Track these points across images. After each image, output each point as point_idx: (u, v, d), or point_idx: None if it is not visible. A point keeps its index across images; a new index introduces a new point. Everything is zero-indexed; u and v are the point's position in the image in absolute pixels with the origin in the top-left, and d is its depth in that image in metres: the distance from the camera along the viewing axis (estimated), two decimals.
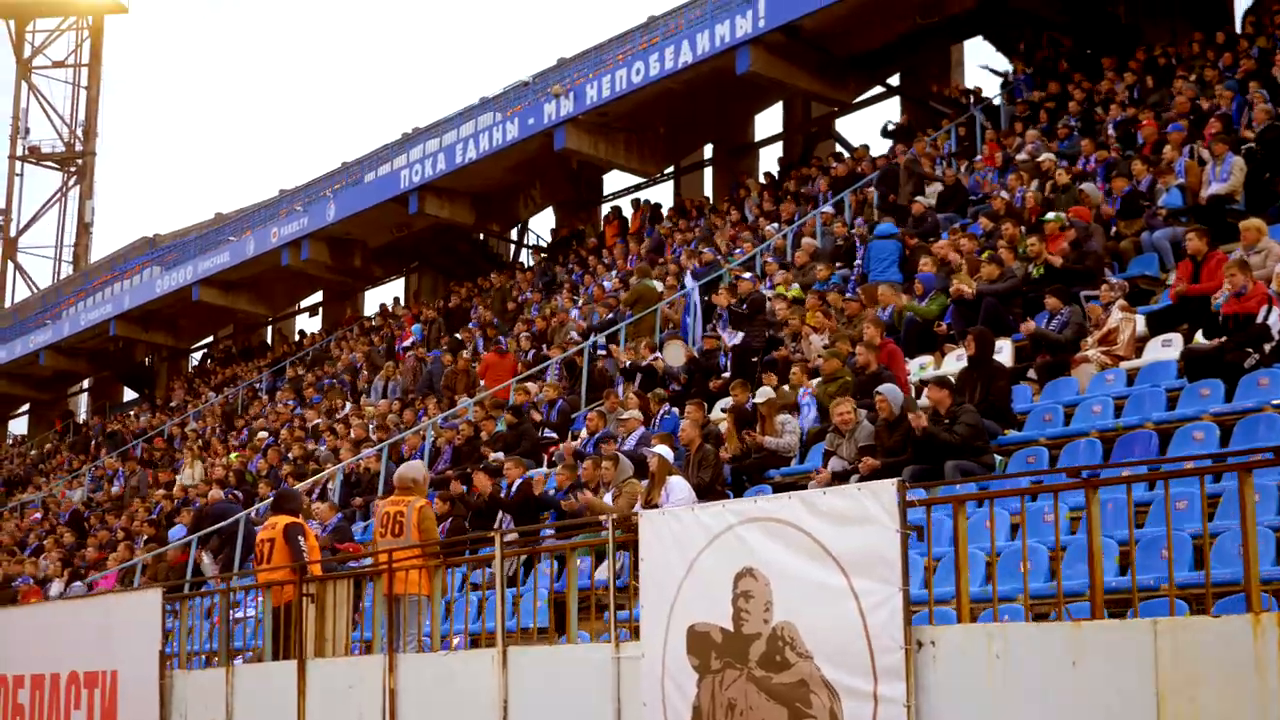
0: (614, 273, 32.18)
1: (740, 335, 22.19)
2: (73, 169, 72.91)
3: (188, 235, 52.47)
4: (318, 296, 49.98)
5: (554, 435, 22.82)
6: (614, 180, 43.12)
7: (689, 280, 25.81)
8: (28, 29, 71.29)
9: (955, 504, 8.95)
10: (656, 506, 15.23)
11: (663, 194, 49.15)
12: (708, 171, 41.13)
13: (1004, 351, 17.59)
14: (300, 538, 14.24)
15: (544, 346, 27.73)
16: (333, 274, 43.81)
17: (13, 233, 70.82)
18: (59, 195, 73.35)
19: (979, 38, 33.53)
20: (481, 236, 44.34)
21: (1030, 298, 18.51)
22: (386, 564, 12.65)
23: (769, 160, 38.73)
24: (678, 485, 15.64)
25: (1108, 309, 16.30)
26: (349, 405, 31.22)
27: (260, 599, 17.60)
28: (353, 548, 17.98)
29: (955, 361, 18.00)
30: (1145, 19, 29.68)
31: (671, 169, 40.45)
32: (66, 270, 70.20)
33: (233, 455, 30.51)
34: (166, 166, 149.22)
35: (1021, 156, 24.56)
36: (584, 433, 21.87)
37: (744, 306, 21.36)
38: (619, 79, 34.02)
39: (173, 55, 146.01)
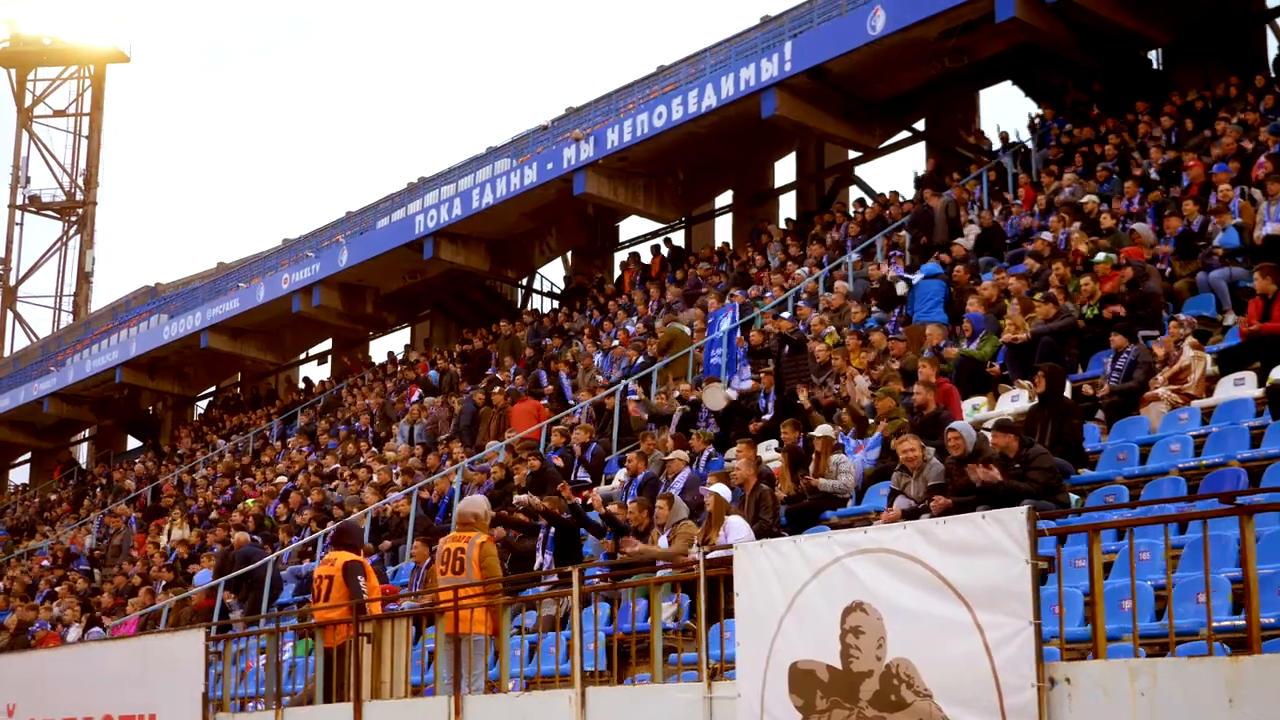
0: (634, 317, 31.79)
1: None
2: (73, 218, 72.48)
3: (190, 285, 52.09)
4: (326, 344, 49.45)
5: (588, 479, 22.35)
6: (628, 227, 42.91)
7: (724, 322, 25.39)
8: (29, 78, 70.89)
9: (1090, 532, 8.44)
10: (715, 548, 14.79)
11: (676, 241, 48.67)
12: (722, 219, 40.81)
13: (1020, 401, 17.20)
14: (360, 577, 13.70)
15: (572, 391, 27.39)
16: (343, 320, 43.36)
17: (12, 281, 70.29)
18: (59, 244, 72.89)
19: (1007, 83, 33.17)
20: (488, 283, 43.88)
21: (1086, 338, 18.16)
22: (447, 602, 12.12)
23: (787, 207, 38.45)
24: (737, 525, 15.14)
25: (1178, 346, 15.85)
26: (371, 449, 30.69)
27: (294, 642, 17.17)
28: (388, 589, 17.51)
29: (1010, 403, 17.61)
30: (1179, 64, 29.36)
31: (683, 218, 40.07)
32: (66, 320, 69.74)
33: (249, 501, 29.95)
34: (167, 216, 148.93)
35: (1061, 198, 24.21)
36: (619, 475, 21.45)
37: (785, 348, 20.87)
38: (640, 123, 33.72)
39: (174, 105, 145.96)
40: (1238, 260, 18.78)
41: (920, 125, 35.35)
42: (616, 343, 29.45)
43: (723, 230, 40.34)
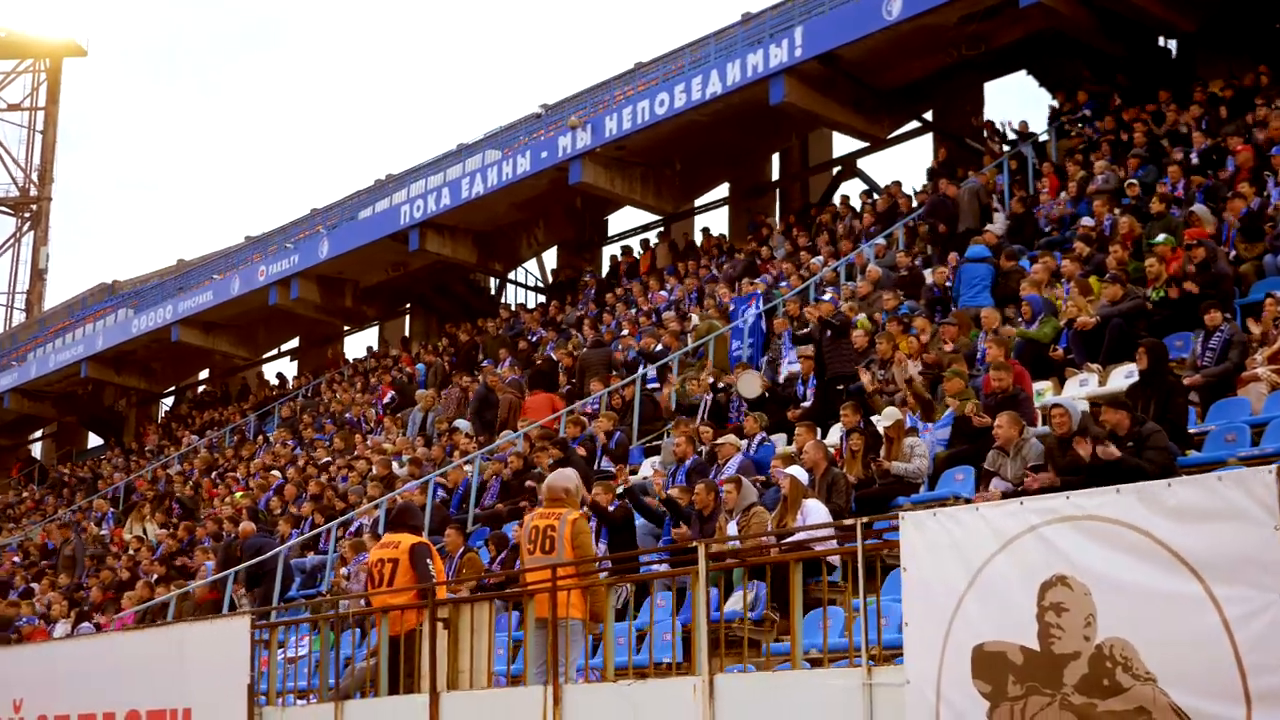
0: (635, 310, 30.85)
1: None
2: (27, 214, 71.06)
3: (150, 282, 50.79)
4: (297, 340, 48.20)
5: (612, 469, 21.39)
6: (617, 221, 42.03)
7: (750, 311, 24.54)
8: None
9: None
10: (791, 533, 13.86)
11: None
12: (713, 213, 39.91)
13: (1134, 376, 16.31)
14: (428, 559, 12.67)
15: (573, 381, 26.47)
16: (321, 314, 42.17)
17: None
18: (13, 240, 71.49)
19: (1017, 73, 32.40)
20: (472, 276, 42.82)
21: (1155, 320, 17.36)
22: (540, 584, 11.11)
23: (794, 198, 37.57)
24: (815, 509, 14.23)
25: (1276, 325, 15.02)
26: (368, 441, 29.61)
27: (310, 635, 16.10)
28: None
29: (1078, 386, 16.79)
30: (1201, 53, 28.65)
31: (674, 211, 39.08)
32: (19, 318, 68.21)
33: (238, 495, 28.82)
34: (123, 213, 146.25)
35: (1095, 185, 23.51)
36: (649, 464, 20.60)
37: (828, 332, 19.93)
38: (640, 111, 32.74)
39: (132, 100, 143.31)
40: None
41: (928, 115, 34.45)
42: (625, 333, 28.62)
43: (711, 223, 39.36)
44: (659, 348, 25.05)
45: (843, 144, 37.01)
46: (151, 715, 14.15)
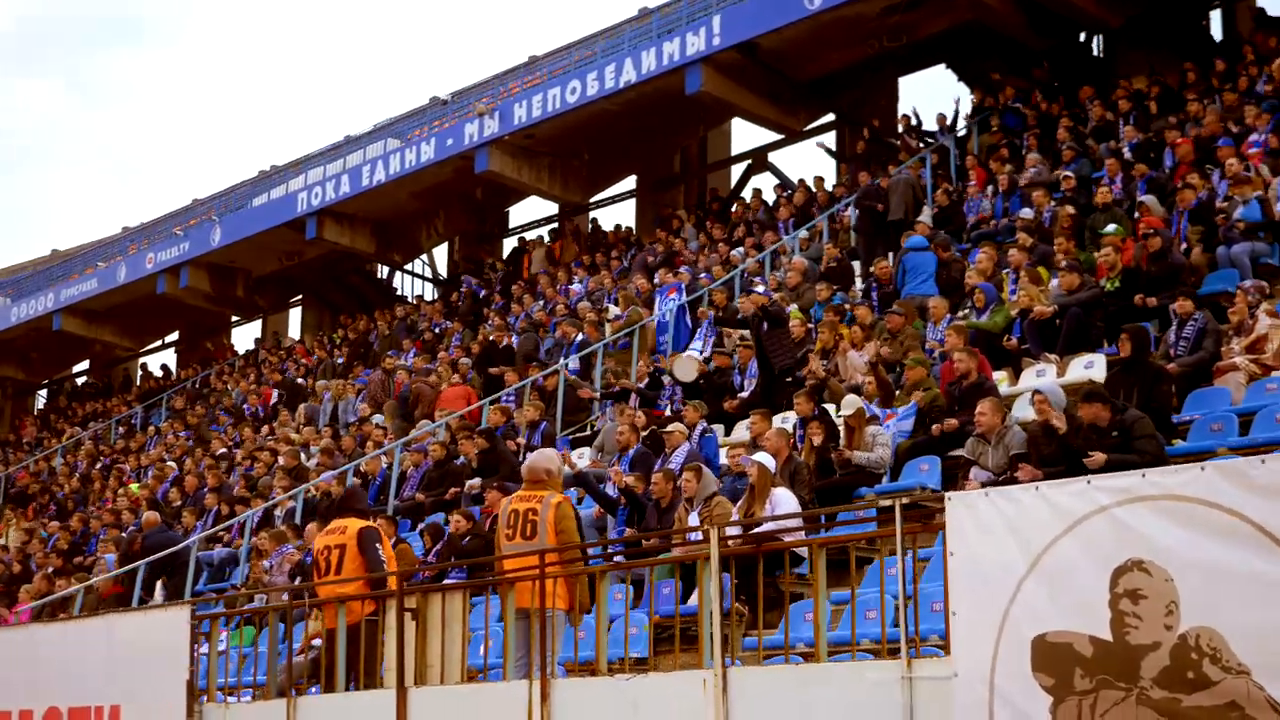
0: (542, 301, 30.05)
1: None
2: None
3: (22, 272, 49.06)
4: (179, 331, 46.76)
5: None
6: (518, 213, 41.29)
7: (671, 303, 23.96)
8: None
9: None
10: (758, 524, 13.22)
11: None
12: (619, 206, 39.20)
13: (1095, 367, 15.93)
14: (377, 544, 11.85)
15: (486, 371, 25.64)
16: (211, 304, 40.84)
17: None
18: None
19: (931, 69, 32.09)
20: (367, 267, 41.79)
21: (1111, 311, 16.99)
22: (521, 572, 10.35)
23: (691, 193, 37.03)
24: (784, 497, 13.59)
25: (1253, 315, 14.64)
26: (272, 432, 28.58)
27: (228, 630, 15.24)
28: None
29: (1035, 378, 16.28)
30: (1122, 49, 28.51)
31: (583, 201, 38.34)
32: None
33: (134, 486, 27.68)
34: None
35: (1027, 178, 23.24)
36: (582, 453, 19.95)
37: (764, 324, 19.34)
38: (551, 98, 31.99)
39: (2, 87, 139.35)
40: (1259, 235, 17.83)
41: (832, 114, 34.05)
42: (526, 325, 27.94)
43: (618, 216, 38.59)
44: (581, 337, 24.33)
45: (744, 139, 36.76)
46: (75, 713, 13.17)
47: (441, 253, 42.78)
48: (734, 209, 32.23)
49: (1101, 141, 24.10)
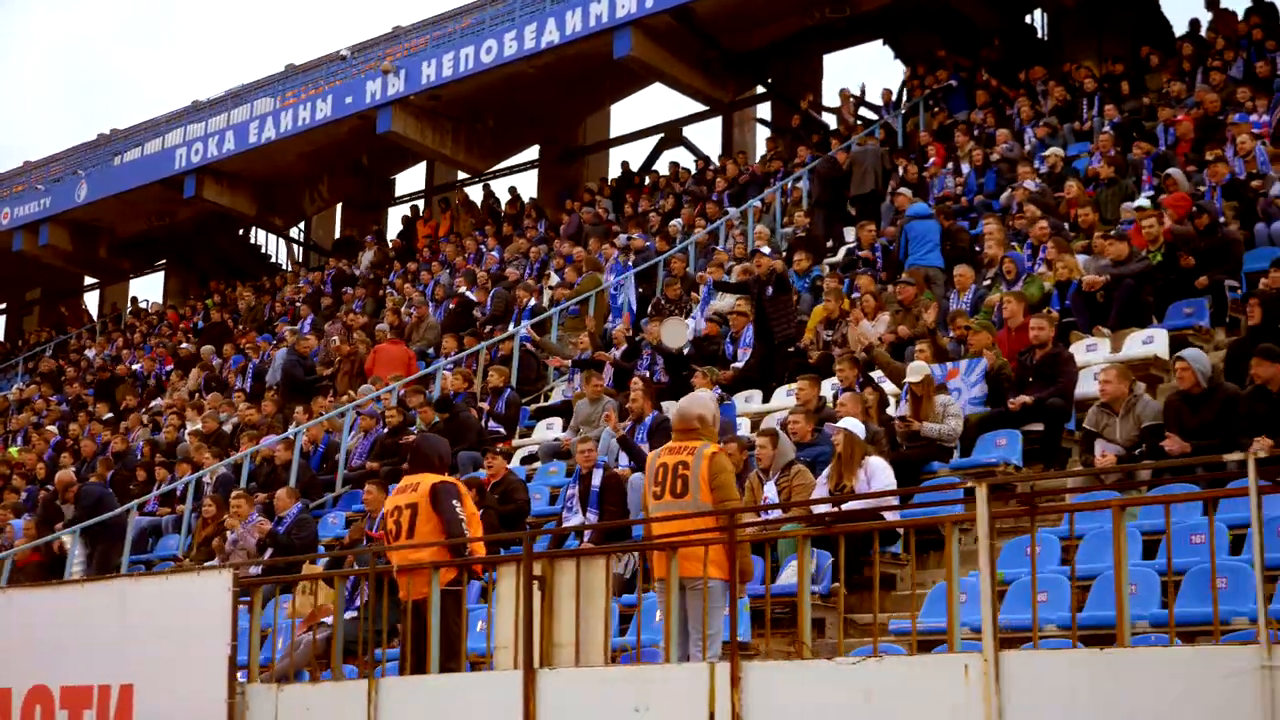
0: (449, 270, 28.36)
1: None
2: None
3: None
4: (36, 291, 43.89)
5: (501, 429, 19.09)
6: (405, 181, 39.45)
7: (619, 271, 22.61)
8: None
9: None
10: (852, 493, 11.87)
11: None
12: (519, 175, 37.41)
13: (1155, 342, 14.87)
14: (456, 501, 10.16)
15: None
16: (70, 264, 38.20)
17: None
18: None
19: (879, 41, 31.03)
20: (241, 232, 39.52)
21: (1159, 285, 15.95)
22: (673, 537, 8.84)
23: (598, 166, 35.57)
24: (879, 467, 12.28)
25: None
26: (164, 396, 26.54)
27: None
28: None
29: (1085, 352, 15.16)
30: (1068, 30, 27.78)
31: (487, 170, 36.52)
32: None
33: (13, 450, 25.41)
34: None
35: (1000, 153, 22.32)
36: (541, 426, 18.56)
37: (769, 289, 17.97)
38: (464, 58, 30.23)
39: None
40: None
41: (761, 87, 32.88)
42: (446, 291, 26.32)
43: (516, 185, 36.80)
44: (533, 303, 22.77)
45: (652, 113, 35.48)
46: (69, 693, 11.28)
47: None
48: (647, 182, 30.84)
49: (1065, 122, 23.37)
